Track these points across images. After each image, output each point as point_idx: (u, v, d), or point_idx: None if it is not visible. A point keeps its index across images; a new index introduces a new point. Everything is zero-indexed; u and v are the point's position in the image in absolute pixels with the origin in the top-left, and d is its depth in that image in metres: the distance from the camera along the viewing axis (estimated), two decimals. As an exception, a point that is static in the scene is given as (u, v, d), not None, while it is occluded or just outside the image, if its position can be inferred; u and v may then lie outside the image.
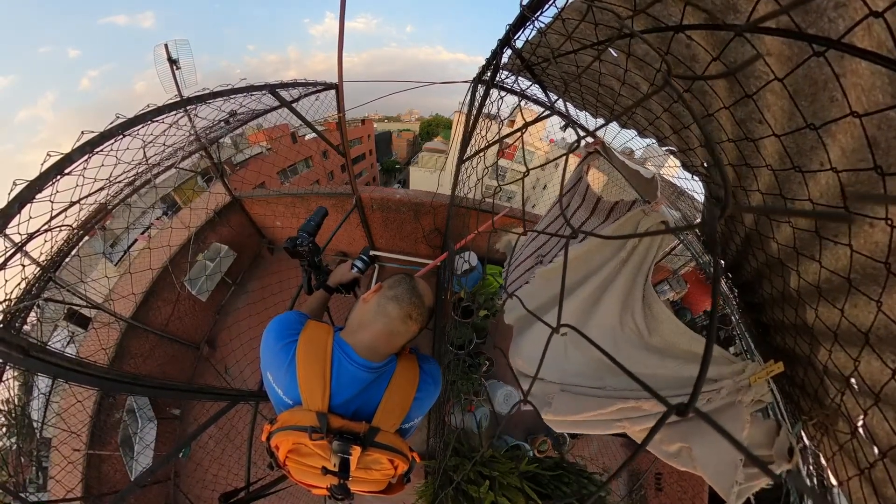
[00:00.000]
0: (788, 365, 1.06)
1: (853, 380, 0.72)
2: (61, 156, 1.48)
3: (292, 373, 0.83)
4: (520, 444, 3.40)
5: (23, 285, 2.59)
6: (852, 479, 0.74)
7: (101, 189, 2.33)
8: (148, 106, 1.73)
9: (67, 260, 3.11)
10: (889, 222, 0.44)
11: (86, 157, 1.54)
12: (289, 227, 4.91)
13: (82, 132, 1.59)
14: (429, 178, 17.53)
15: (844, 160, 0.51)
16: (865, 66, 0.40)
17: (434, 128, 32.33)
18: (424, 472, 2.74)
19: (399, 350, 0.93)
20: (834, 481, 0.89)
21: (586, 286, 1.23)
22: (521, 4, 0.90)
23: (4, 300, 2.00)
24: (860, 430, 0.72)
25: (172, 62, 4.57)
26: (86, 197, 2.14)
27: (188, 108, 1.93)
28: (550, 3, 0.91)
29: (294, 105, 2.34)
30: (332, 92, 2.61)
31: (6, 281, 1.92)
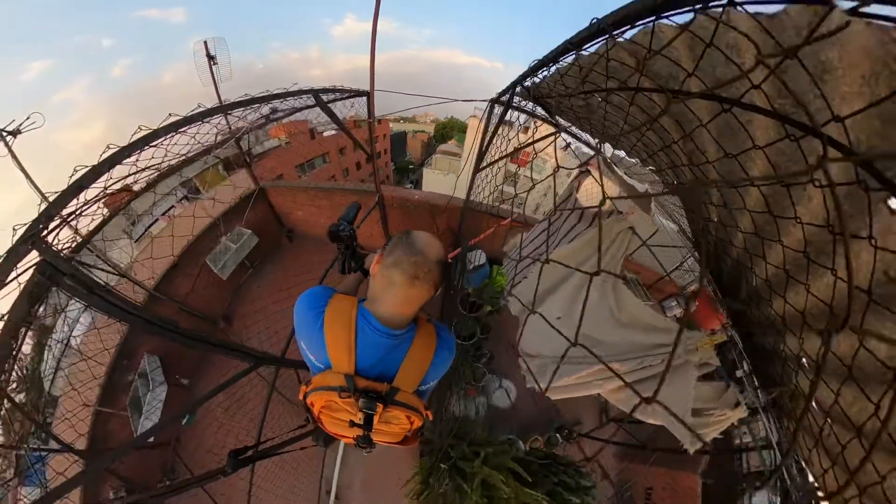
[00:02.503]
0: (763, 361, 1.21)
1: (804, 359, 0.88)
2: (118, 148, 1.68)
3: (322, 340, 0.91)
4: (512, 437, 3.56)
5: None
6: (814, 453, 0.87)
7: (145, 170, 2.57)
8: (199, 105, 1.92)
9: (96, 236, 3.35)
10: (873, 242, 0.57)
11: (138, 149, 1.76)
12: (310, 218, 5.14)
13: (140, 127, 1.80)
14: (442, 180, 17.63)
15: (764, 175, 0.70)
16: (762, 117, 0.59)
17: (449, 130, 32.55)
18: (420, 452, 2.92)
19: (419, 311, 0.97)
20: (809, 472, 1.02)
21: (574, 278, 1.57)
22: (532, 62, 1.09)
23: (80, 240, 2.17)
24: (813, 404, 0.85)
25: (211, 58, 4.86)
26: (139, 174, 2.37)
27: (230, 111, 2.12)
28: (566, 56, 1.08)
29: (287, 111, 2.55)
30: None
31: (77, 228, 2.07)
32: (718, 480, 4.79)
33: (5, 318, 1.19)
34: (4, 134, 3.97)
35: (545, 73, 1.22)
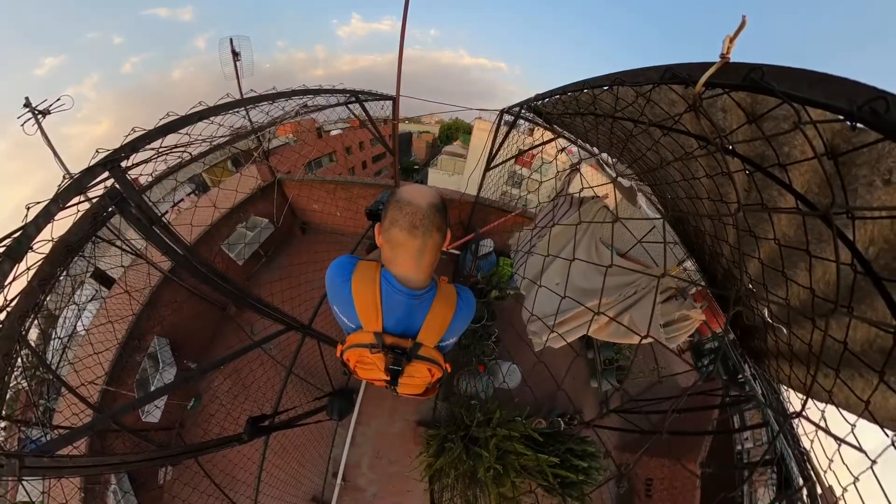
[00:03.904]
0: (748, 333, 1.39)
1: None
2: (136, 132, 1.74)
3: (352, 303, 0.97)
4: (516, 418, 3.71)
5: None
6: (780, 363, 0.98)
7: (195, 142, 2.68)
8: (228, 95, 2.01)
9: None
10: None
11: (221, 112, 1.87)
12: (327, 210, 5.31)
13: (200, 102, 1.95)
14: (447, 180, 17.79)
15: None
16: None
17: (454, 132, 32.67)
18: (433, 423, 3.05)
19: (435, 269, 1.01)
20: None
21: (568, 247, 2.13)
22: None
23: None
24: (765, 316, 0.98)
25: (235, 55, 5.08)
26: (190, 145, 2.47)
27: (248, 105, 2.20)
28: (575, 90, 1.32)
29: (318, 107, 2.71)
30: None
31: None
32: (718, 470, 4.90)
33: (62, 238, 1.12)
34: (36, 112, 4.17)
35: (547, 99, 1.64)
